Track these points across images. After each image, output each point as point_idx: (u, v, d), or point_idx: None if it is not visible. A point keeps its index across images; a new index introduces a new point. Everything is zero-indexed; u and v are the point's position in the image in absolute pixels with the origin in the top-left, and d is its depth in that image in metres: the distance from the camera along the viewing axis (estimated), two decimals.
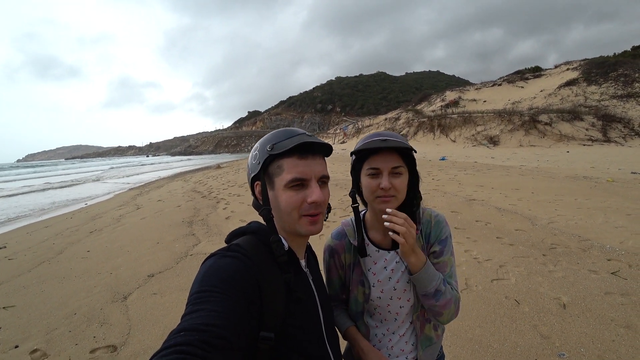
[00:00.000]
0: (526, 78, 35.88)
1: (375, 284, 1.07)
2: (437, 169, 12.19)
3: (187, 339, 0.51)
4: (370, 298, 1.08)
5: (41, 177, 34.14)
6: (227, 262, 0.69)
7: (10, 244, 6.19)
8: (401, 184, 0.99)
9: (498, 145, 21.86)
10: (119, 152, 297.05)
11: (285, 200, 0.77)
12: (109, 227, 6.82)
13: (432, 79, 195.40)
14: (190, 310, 0.59)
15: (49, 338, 2.82)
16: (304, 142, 0.76)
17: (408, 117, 34.76)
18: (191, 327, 0.54)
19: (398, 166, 0.98)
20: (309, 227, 0.79)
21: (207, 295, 0.61)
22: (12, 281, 4.21)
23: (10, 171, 59.67)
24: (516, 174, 10.02)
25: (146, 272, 4.13)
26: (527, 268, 3.51)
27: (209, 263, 0.69)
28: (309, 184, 0.78)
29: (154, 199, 10.30)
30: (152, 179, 21.90)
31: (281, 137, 0.79)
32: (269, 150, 0.78)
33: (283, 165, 0.77)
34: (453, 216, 5.60)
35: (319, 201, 0.78)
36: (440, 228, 1.08)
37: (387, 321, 1.10)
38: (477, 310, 2.80)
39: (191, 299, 0.62)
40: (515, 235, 4.54)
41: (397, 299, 1.06)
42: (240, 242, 0.76)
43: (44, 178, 30.57)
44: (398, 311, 1.07)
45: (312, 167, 0.79)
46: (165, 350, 0.50)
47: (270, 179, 0.80)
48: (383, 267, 1.07)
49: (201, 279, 0.65)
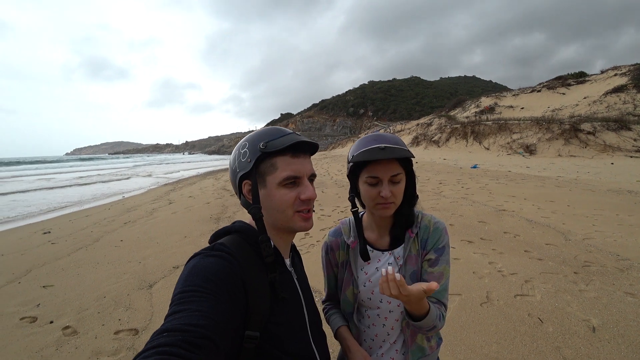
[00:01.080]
0: (568, 84, 33.75)
1: (366, 284, 1.08)
2: (468, 177, 11.79)
3: (170, 339, 0.51)
4: (360, 298, 1.08)
5: (94, 169, 36.96)
6: (211, 262, 0.68)
7: (54, 230, 6.71)
8: (399, 190, 1.00)
9: (535, 154, 20.74)
10: (157, 149, 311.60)
11: (279, 197, 0.79)
12: (142, 219, 7.21)
13: (468, 84, 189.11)
14: (173, 310, 0.58)
15: (80, 317, 3.05)
16: (298, 141, 0.78)
17: (440, 123, 33.80)
18: (174, 328, 0.53)
19: (397, 174, 0.99)
20: (303, 223, 0.82)
21: (190, 295, 0.60)
22: (53, 263, 4.57)
23: (65, 163, 65.10)
24: (552, 185, 9.48)
25: (172, 263, 4.33)
26: (556, 285, 3.32)
27: (193, 262, 0.69)
28: (301, 181, 0.80)
29: (185, 195, 10.75)
30: (190, 175, 22.94)
31: (273, 136, 0.79)
32: (262, 148, 0.77)
33: (277, 163, 0.78)
34: (480, 226, 5.40)
35: (313, 198, 0.81)
36: (438, 235, 1.06)
37: (375, 326, 1.09)
38: (496, 326, 2.69)
39: (175, 299, 0.61)
40: (546, 249, 4.31)
41: (387, 302, 1.05)
42: (225, 242, 0.76)
43: (96, 170, 32.89)
44: (387, 316, 1.06)
45: (304, 166, 0.81)
46: (149, 351, 0.49)
47: (262, 177, 0.80)
48: (375, 268, 1.07)
49: (185, 278, 0.65)
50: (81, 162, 74.63)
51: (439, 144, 29.28)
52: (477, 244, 4.60)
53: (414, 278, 1.03)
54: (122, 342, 2.65)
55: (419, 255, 1.05)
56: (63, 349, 2.60)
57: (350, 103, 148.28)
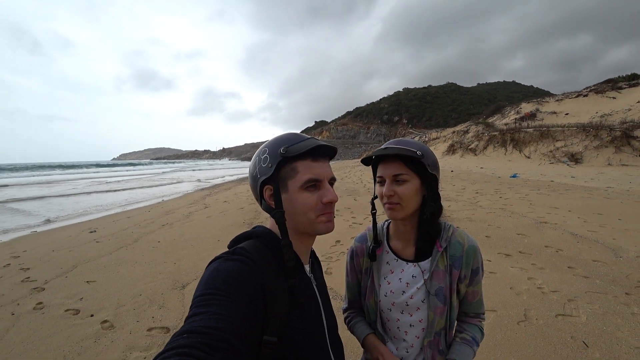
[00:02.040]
0: (619, 87, 31.11)
1: (387, 293, 1.05)
2: (507, 187, 11.21)
3: (189, 341, 0.52)
4: (380, 308, 1.06)
5: (149, 173, 39.04)
6: (231, 265, 0.69)
7: (99, 229, 7.19)
8: (404, 192, 0.96)
9: (581, 163, 19.31)
10: (195, 156, 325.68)
11: (301, 201, 0.79)
12: (179, 222, 7.53)
13: (507, 89, 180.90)
14: (193, 312, 0.60)
15: (117, 312, 3.23)
16: (317, 145, 0.79)
17: (478, 131, 32.49)
18: (194, 330, 0.55)
19: (400, 174, 0.97)
20: (327, 225, 0.82)
21: (210, 298, 0.62)
22: (97, 260, 4.88)
23: (120, 167, 70.51)
24: (600, 196, 8.77)
25: (204, 266, 4.43)
26: (604, 307, 3.05)
27: (214, 266, 0.70)
28: (322, 185, 0.81)
29: (220, 200, 11.11)
30: (230, 179, 23.84)
31: (292, 141, 0.80)
32: (282, 153, 0.78)
33: (297, 167, 0.79)
34: (519, 239, 5.10)
35: (334, 201, 0.81)
36: (474, 256, 1.01)
37: (396, 339, 1.05)
38: (534, 347, 2.50)
39: (195, 301, 0.63)
40: (593, 266, 3.97)
41: (408, 315, 1.02)
42: (245, 246, 0.77)
43: (149, 176, 34.19)
44: (407, 330, 1.03)
45: (325, 169, 0.81)
46: (168, 352, 0.51)
47: (284, 182, 0.80)
48: (398, 279, 1.04)
49: (205, 281, 0.66)
50: (131, 166, 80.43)
51: (475, 152, 28.14)
52: (515, 258, 4.34)
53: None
54: (154, 339, 2.76)
55: (447, 272, 1.00)
56: (100, 341, 2.76)
57: (385, 110, 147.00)
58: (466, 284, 1.01)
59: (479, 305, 1.06)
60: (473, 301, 1.05)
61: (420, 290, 1.00)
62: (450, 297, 0.99)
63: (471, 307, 1.06)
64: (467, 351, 0.99)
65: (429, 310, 0.99)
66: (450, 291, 0.99)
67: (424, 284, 1.00)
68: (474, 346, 1.00)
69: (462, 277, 1.01)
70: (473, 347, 1.00)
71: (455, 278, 1.00)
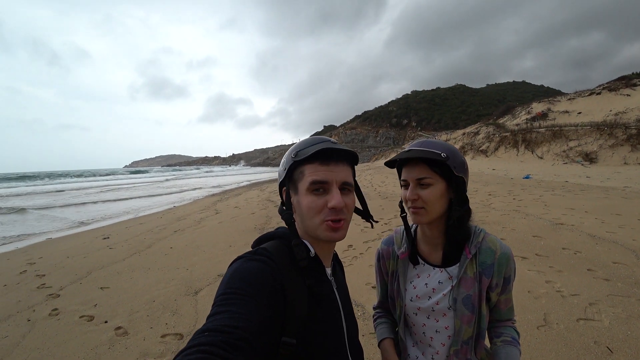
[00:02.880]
0: (634, 84, 30.30)
1: (413, 298, 1.02)
2: (520, 188, 11.01)
3: (210, 339, 0.53)
4: (405, 312, 1.04)
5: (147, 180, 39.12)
6: (253, 266, 0.70)
7: (113, 235, 7.29)
8: (429, 195, 0.93)
9: (595, 162, 18.85)
10: (205, 162, 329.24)
11: (306, 204, 0.79)
12: (191, 228, 7.59)
13: (517, 90, 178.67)
14: (215, 311, 0.61)
15: (131, 319, 3.24)
16: (325, 149, 0.78)
17: (488, 132, 32.09)
18: (215, 328, 0.56)
19: (424, 177, 0.93)
20: (329, 233, 0.79)
21: (232, 297, 0.63)
22: (110, 267, 4.94)
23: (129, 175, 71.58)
24: (618, 196, 8.53)
25: (217, 271, 4.48)
26: (627, 310, 2.93)
27: (235, 266, 0.71)
28: (329, 189, 0.78)
29: (231, 206, 11.18)
30: (240, 185, 24.03)
31: (306, 145, 0.82)
32: (293, 157, 0.81)
33: (305, 170, 0.79)
34: (535, 241, 4.98)
35: (339, 206, 0.77)
36: (507, 267, 0.97)
37: (422, 344, 1.03)
38: (556, 353, 2.42)
39: (217, 300, 0.64)
40: (613, 269, 3.84)
41: (435, 321, 0.99)
42: (267, 246, 0.79)
43: (154, 183, 34.02)
44: (433, 336, 0.99)
45: (335, 173, 0.79)
46: (190, 349, 0.52)
47: (294, 185, 0.82)
48: (424, 284, 1.01)
49: (227, 281, 0.68)
50: (139, 174, 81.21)
51: (487, 154, 27.78)
52: (532, 261, 4.23)
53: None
54: (167, 346, 2.76)
55: (477, 279, 0.95)
56: (115, 348, 2.77)
57: (394, 114, 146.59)
58: (497, 293, 0.98)
59: (511, 311, 1.04)
60: (505, 309, 1.02)
61: (447, 297, 0.97)
62: (479, 306, 0.95)
63: (504, 314, 1.03)
64: (514, 351, 0.95)
65: (455, 318, 0.95)
66: (480, 299, 0.95)
67: (451, 291, 0.96)
68: (518, 345, 0.97)
69: (494, 285, 0.96)
70: (518, 347, 0.97)
71: (485, 286, 0.95)
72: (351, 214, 0.84)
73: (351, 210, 0.83)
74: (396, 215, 7.48)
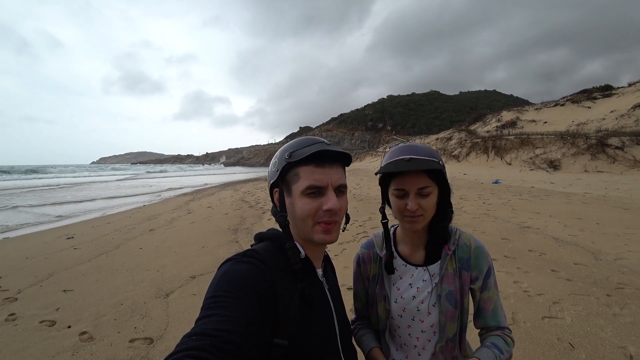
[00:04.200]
0: (594, 97, 32.52)
1: (397, 300, 1.02)
2: (489, 193, 11.46)
3: (198, 343, 0.53)
4: (391, 315, 1.03)
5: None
6: (242, 268, 0.69)
7: (77, 235, 6.91)
8: (429, 204, 0.94)
9: (559, 169, 19.99)
10: (178, 160, 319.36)
11: (301, 207, 0.78)
12: (162, 228, 7.33)
13: (488, 98, 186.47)
14: (204, 314, 0.60)
15: (97, 323, 3.08)
16: (321, 150, 0.76)
17: (460, 138, 33.28)
18: (203, 332, 0.55)
19: (425, 187, 0.93)
20: (323, 235, 0.79)
21: (221, 300, 0.62)
22: (74, 268, 4.68)
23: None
24: (579, 202, 9.07)
25: (189, 273, 4.35)
26: (587, 308, 3.12)
27: (225, 268, 0.70)
28: (325, 191, 0.78)
29: (204, 206, 10.90)
30: (214, 184, 23.36)
31: (299, 146, 0.80)
32: (287, 158, 0.79)
33: (300, 172, 0.78)
34: (504, 244, 5.19)
35: (335, 209, 0.77)
36: (482, 259, 1.00)
37: (407, 346, 1.03)
38: (523, 350, 2.53)
39: (206, 303, 0.63)
40: (575, 269, 4.07)
41: (420, 322, 1.00)
42: (257, 248, 0.78)
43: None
44: (419, 336, 1.00)
45: (330, 176, 0.78)
46: (178, 353, 0.51)
47: (288, 187, 0.81)
48: (408, 284, 1.02)
49: (216, 283, 0.67)
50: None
51: (459, 159, 28.75)
52: (501, 262, 4.41)
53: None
54: (136, 351, 2.64)
55: (457, 275, 0.99)
56: (79, 354, 2.61)
57: (369, 117, 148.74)
58: (479, 287, 1.00)
59: (499, 315, 1.00)
60: (490, 312, 1.00)
61: (431, 295, 0.99)
62: (461, 300, 0.98)
63: (491, 318, 1.01)
64: (487, 352, 0.93)
65: (440, 315, 0.97)
66: (462, 294, 0.98)
67: (435, 288, 0.98)
68: (493, 349, 0.93)
69: (474, 278, 0.99)
70: (493, 350, 0.93)
71: (466, 281, 0.98)
72: (344, 215, 0.84)
73: (344, 212, 0.83)
74: (371, 217, 7.58)
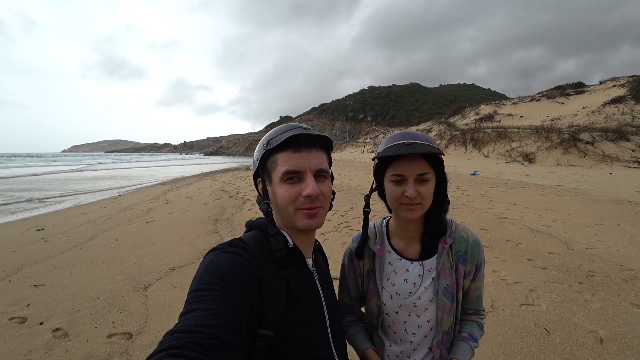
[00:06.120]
0: (567, 94, 33.97)
1: (393, 296, 0.99)
2: (468, 184, 11.76)
3: (180, 341, 0.51)
4: (385, 312, 1.00)
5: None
6: (227, 258, 0.68)
7: (48, 227, 6.58)
8: (427, 191, 0.91)
9: (534, 162, 20.80)
10: (154, 149, 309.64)
11: (280, 194, 0.76)
12: (139, 219, 7.08)
13: (467, 92, 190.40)
14: (187, 309, 0.58)
15: (71, 319, 2.94)
16: (296, 135, 0.75)
17: (440, 130, 33.92)
18: (185, 329, 0.53)
19: (425, 173, 0.90)
20: (306, 220, 0.77)
21: (205, 293, 0.60)
22: (46, 261, 4.45)
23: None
24: (552, 194, 9.46)
25: (168, 265, 4.23)
26: (561, 295, 3.26)
27: (209, 259, 0.69)
28: (304, 177, 0.76)
29: (182, 195, 10.62)
30: (192, 173, 22.80)
31: (277, 133, 0.79)
32: (265, 146, 0.78)
33: (278, 159, 0.77)
34: (482, 234, 5.34)
35: (314, 194, 0.75)
36: (478, 252, 1.00)
37: (402, 342, 1.01)
38: (502, 336, 2.61)
39: (189, 297, 0.62)
40: (549, 258, 4.25)
41: (416, 317, 0.97)
42: (244, 237, 0.77)
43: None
44: (415, 332, 0.98)
45: (308, 160, 0.76)
46: (159, 353, 0.50)
47: (269, 175, 0.80)
48: (403, 279, 0.99)
49: (200, 275, 0.65)
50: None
51: None
52: None
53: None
54: (114, 347, 2.54)
55: (453, 268, 0.97)
56: (53, 352, 2.49)
57: (350, 108, 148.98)
58: (470, 280, 0.99)
59: (479, 301, 1.04)
60: (474, 297, 1.03)
61: (428, 290, 0.96)
62: (457, 294, 0.97)
63: (471, 303, 1.03)
64: (464, 347, 0.96)
65: (437, 310, 0.95)
66: (457, 288, 0.97)
67: (432, 283, 0.96)
68: (469, 341, 0.98)
69: (467, 272, 0.98)
70: (469, 343, 0.97)
71: (461, 274, 0.97)
72: (328, 201, 0.82)
73: (328, 198, 0.81)
74: (352, 207, 7.63)
